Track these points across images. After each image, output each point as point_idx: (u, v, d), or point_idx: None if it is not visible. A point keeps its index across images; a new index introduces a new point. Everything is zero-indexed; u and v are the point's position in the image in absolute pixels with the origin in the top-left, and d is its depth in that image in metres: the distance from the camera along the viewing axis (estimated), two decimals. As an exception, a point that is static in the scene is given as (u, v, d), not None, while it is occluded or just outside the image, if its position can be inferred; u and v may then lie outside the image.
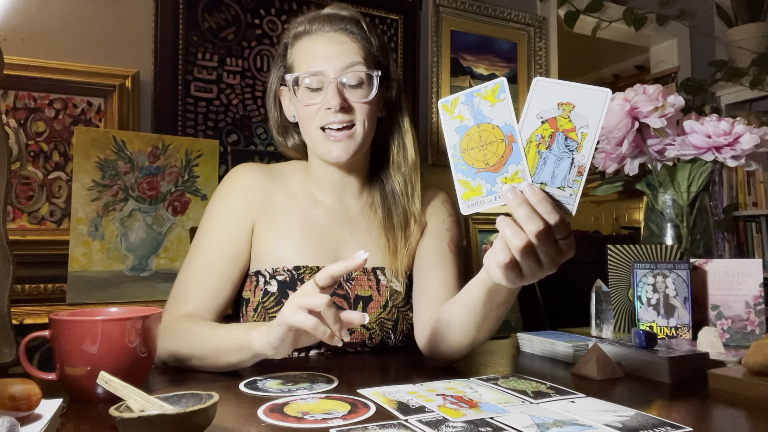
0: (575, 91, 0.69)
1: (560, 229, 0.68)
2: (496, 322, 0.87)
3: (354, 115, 1.00)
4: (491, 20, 2.89)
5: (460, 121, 0.72)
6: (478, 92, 0.71)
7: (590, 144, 0.69)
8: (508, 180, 0.70)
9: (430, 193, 1.15)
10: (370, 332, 1.03)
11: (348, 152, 1.01)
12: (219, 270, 1.02)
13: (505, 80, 0.70)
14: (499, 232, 0.70)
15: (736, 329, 1.03)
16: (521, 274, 0.71)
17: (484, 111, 0.71)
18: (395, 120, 1.10)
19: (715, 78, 3.38)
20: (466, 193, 0.72)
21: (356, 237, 1.08)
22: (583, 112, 0.69)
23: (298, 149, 1.13)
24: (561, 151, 0.69)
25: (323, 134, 1.01)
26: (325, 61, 0.99)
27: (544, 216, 0.67)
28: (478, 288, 0.81)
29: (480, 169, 0.71)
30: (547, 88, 0.70)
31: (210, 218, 1.06)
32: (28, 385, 0.61)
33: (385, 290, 1.05)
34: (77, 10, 2.05)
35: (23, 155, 1.95)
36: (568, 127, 0.69)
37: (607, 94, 0.68)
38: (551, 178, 0.69)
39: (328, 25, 1.02)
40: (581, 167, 0.69)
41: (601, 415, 0.66)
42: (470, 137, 0.71)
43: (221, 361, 0.86)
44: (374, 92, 1.01)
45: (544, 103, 0.69)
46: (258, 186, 1.07)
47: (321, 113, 1.00)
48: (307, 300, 0.73)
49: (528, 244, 0.68)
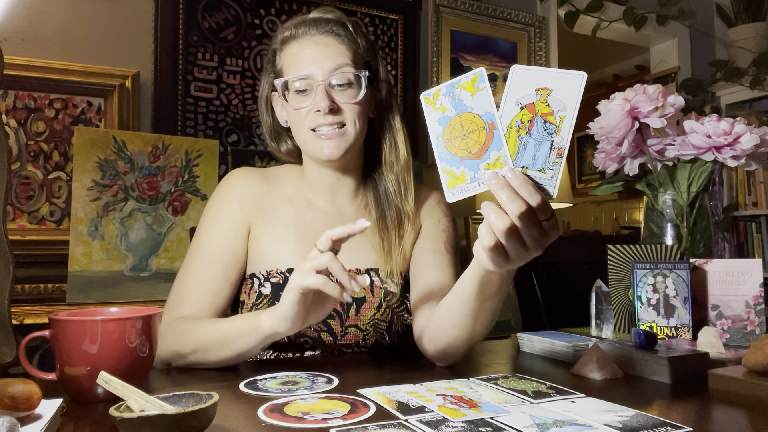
0: (552, 76, 0.71)
1: (543, 211, 0.70)
2: (492, 314, 0.87)
3: (343, 116, 1.01)
4: (491, 20, 2.89)
5: (442, 112, 0.74)
6: (458, 83, 0.73)
7: (568, 126, 0.71)
8: (490, 166, 0.72)
9: (424, 194, 1.15)
10: (364, 333, 1.03)
11: (339, 150, 1.01)
12: (217, 273, 1.02)
13: (483, 70, 0.72)
14: (484, 217, 0.71)
15: (736, 329, 1.03)
16: (507, 257, 0.72)
17: (465, 101, 0.73)
18: (386, 120, 1.10)
19: (715, 78, 3.38)
20: (450, 182, 0.74)
21: (351, 239, 1.07)
22: (560, 96, 0.71)
23: (291, 154, 1.14)
24: (540, 135, 0.71)
25: (314, 134, 1.01)
26: (312, 65, 1.00)
27: (525, 198, 0.69)
28: (470, 279, 0.82)
29: (463, 158, 0.73)
30: (525, 75, 0.72)
31: (207, 222, 1.06)
32: (28, 385, 0.61)
33: (379, 291, 1.05)
34: (77, 10, 2.05)
35: (23, 155, 1.95)
36: (546, 111, 0.71)
37: (583, 77, 0.70)
38: (532, 161, 0.71)
39: (314, 29, 1.03)
40: (560, 149, 0.71)
41: (601, 415, 0.66)
42: (452, 127, 0.73)
43: (228, 350, 0.88)
44: (363, 92, 1.02)
45: (523, 89, 0.71)
46: (253, 190, 1.08)
47: (311, 116, 1.01)
48: (312, 261, 0.78)
49: (512, 226, 0.69)
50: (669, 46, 3.51)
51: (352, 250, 1.07)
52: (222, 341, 0.88)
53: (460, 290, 0.85)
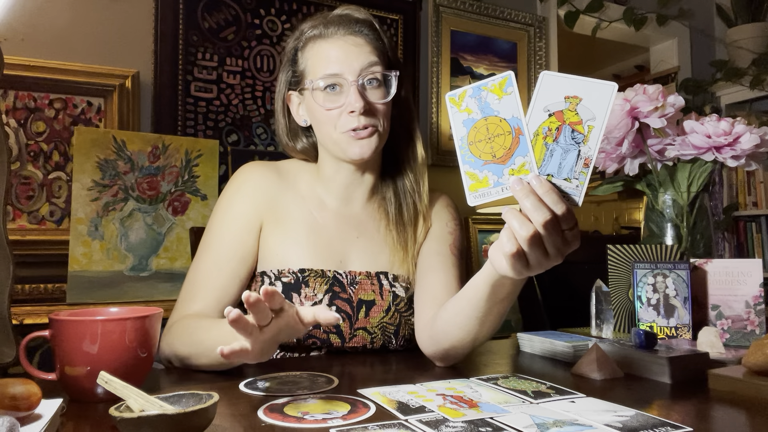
0: (582, 85, 0.70)
1: (567, 220, 0.69)
2: (499, 318, 0.87)
3: (377, 116, 1.00)
4: (491, 20, 2.89)
5: (467, 114, 0.73)
6: (485, 86, 0.72)
7: (597, 136, 0.70)
8: (515, 172, 0.71)
9: (433, 197, 1.15)
10: (372, 336, 1.03)
11: (371, 149, 1.01)
12: (227, 270, 1.01)
13: (512, 74, 0.71)
14: (506, 222, 0.70)
15: (736, 329, 1.03)
16: (527, 265, 0.71)
17: (492, 104, 0.72)
18: (406, 118, 1.10)
19: (715, 78, 3.38)
20: (473, 185, 0.73)
21: (362, 240, 1.08)
22: (589, 105, 0.70)
23: (307, 152, 1.12)
24: (568, 144, 0.70)
25: (348, 135, 1.00)
26: (342, 64, 0.99)
27: (551, 206, 0.68)
28: (482, 283, 0.81)
29: (487, 161, 0.72)
30: (555, 82, 0.71)
31: (218, 218, 1.06)
32: (28, 385, 0.61)
33: (389, 294, 1.05)
34: (77, 10, 2.05)
35: (23, 155, 1.95)
36: (574, 120, 0.70)
37: (614, 88, 0.69)
38: (558, 169, 0.70)
39: (342, 28, 1.01)
40: (588, 159, 0.70)
41: (601, 415, 0.66)
42: (477, 130, 0.72)
43: (215, 356, 0.83)
44: (393, 92, 1.02)
45: (551, 96, 0.71)
46: (266, 186, 1.07)
47: (344, 117, 0.99)
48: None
49: (535, 234, 0.68)
50: (669, 46, 3.51)
51: (364, 254, 1.07)
52: (212, 347, 0.83)
53: (470, 293, 0.84)
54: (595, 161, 0.71)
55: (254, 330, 0.69)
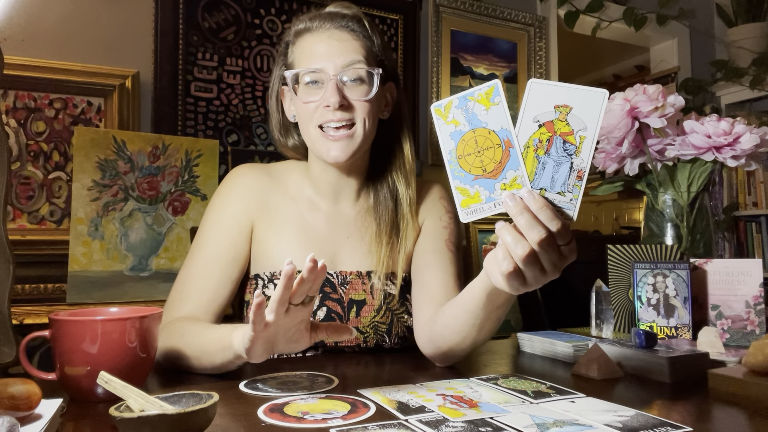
0: (572, 93, 0.67)
1: (562, 236, 0.67)
2: (497, 322, 0.86)
3: (354, 113, 0.99)
4: (491, 20, 2.89)
5: (454, 126, 0.70)
6: (471, 96, 0.69)
7: (589, 147, 0.67)
8: (506, 186, 0.68)
9: (425, 189, 1.13)
10: (365, 336, 1.03)
11: (346, 153, 0.99)
12: (218, 271, 1.01)
13: (499, 83, 0.68)
14: (500, 239, 0.69)
15: (736, 329, 1.03)
16: (524, 282, 0.70)
17: (479, 115, 0.69)
18: (396, 121, 1.09)
19: (715, 78, 3.38)
20: (464, 201, 0.70)
21: (352, 241, 1.07)
22: (580, 115, 0.67)
23: (298, 150, 1.12)
24: (559, 156, 0.68)
25: (322, 133, 0.99)
26: (325, 59, 0.98)
27: (545, 223, 0.66)
28: (479, 290, 0.80)
29: (478, 176, 0.69)
30: (543, 91, 0.68)
31: (209, 219, 1.06)
32: (28, 385, 0.61)
33: (379, 294, 1.04)
34: (77, 10, 2.05)
35: (23, 155, 1.95)
36: (565, 130, 0.67)
37: (604, 96, 0.67)
38: (551, 183, 0.68)
39: (329, 23, 1.01)
40: (581, 171, 0.68)
41: (601, 415, 0.66)
42: (466, 143, 0.69)
43: (206, 362, 0.84)
44: (375, 90, 1.00)
45: (541, 105, 0.68)
46: (257, 188, 1.07)
47: (320, 111, 0.98)
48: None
49: (531, 253, 0.67)
50: (669, 46, 3.51)
51: (354, 254, 1.07)
52: (201, 353, 0.84)
53: (466, 299, 0.84)
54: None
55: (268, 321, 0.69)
